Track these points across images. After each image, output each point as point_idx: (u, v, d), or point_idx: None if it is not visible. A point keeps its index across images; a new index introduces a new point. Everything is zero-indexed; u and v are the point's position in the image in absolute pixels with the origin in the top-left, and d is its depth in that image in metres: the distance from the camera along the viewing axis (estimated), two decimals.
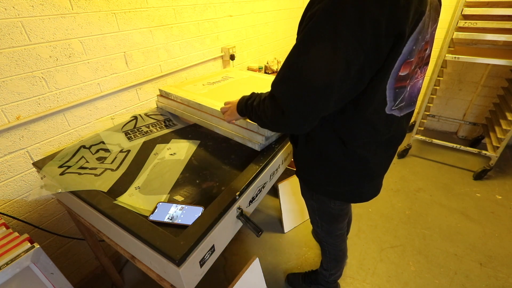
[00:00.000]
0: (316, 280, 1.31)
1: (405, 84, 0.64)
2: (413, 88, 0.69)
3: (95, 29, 1.16)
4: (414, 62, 0.62)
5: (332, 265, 1.22)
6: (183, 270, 0.63)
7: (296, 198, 1.69)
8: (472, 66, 2.37)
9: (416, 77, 0.68)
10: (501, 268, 1.44)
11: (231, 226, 0.81)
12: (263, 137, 0.99)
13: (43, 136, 1.11)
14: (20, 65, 0.98)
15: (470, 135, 2.64)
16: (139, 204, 0.81)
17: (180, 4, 1.53)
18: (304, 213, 1.76)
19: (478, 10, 1.73)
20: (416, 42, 0.57)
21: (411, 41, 0.56)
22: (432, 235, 1.64)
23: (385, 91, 0.62)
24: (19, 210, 1.10)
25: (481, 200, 1.90)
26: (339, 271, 1.25)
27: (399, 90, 0.64)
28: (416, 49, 0.59)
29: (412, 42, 0.56)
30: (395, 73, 0.59)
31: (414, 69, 0.64)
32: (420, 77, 0.70)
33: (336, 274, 1.25)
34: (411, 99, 0.71)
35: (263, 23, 2.38)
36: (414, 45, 0.57)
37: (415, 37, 0.56)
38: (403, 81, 0.62)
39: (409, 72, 0.62)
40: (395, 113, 0.69)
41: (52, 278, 0.80)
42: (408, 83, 0.65)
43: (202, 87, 1.33)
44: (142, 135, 1.19)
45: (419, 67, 0.67)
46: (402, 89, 0.65)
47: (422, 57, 0.65)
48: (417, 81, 0.70)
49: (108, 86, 1.28)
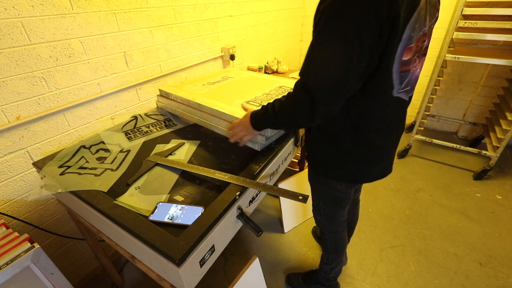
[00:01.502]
0: (316, 280, 1.31)
1: (408, 68, 0.70)
2: (412, 75, 0.74)
3: (95, 29, 1.16)
4: (414, 49, 0.67)
5: (333, 256, 1.21)
6: (183, 270, 0.63)
7: None
8: (472, 66, 2.37)
9: (414, 65, 0.73)
10: (501, 268, 1.44)
11: (231, 226, 0.81)
12: (263, 137, 0.99)
13: (43, 136, 1.11)
14: (20, 65, 0.98)
15: (470, 135, 2.64)
16: (139, 204, 0.81)
17: (180, 4, 1.53)
18: (304, 213, 1.76)
19: (478, 10, 1.73)
20: (413, 30, 0.63)
21: (409, 29, 0.62)
22: (432, 235, 1.64)
23: (391, 75, 0.67)
24: (19, 210, 1.10)
25: (481, 200, 1.90)
26: (339, 264, 1.25)
27: (404, 74, 0.70)
28: (415, 37, 0.65)
29: (409, 29, 0.62)
30: (399, 58, 0.65)
31: (413, 56, 0.69)
32: (418, 66, 0.75)
33: (337, 268, 1.25)
34: (412, 84, 0.77)
35: (263, 23, 2.38)
36: (412, 32, 0.63)
37: (411, 25, 0.62)
38: (407, 66, 0.69)
39: (411, 58, 0.68)
40: (402, 96, 0.75)
41: (52, 278, 0.80)
42: (411, 68, 0.71)
43: (202, 87, 1.33)
44: (142, 135, 1.19)
45: (417, 56, 0.72)
46: (407, 73, 0.70)
47: (420, 47, 0.71)
48: (416, 69, 0.75)
49: (108, 86, 1.28)
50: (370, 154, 0.84)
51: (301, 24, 3.10)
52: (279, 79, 1.47)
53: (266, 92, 1.24)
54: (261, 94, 1.21)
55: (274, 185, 0.89)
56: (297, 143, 1.20)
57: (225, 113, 1.04)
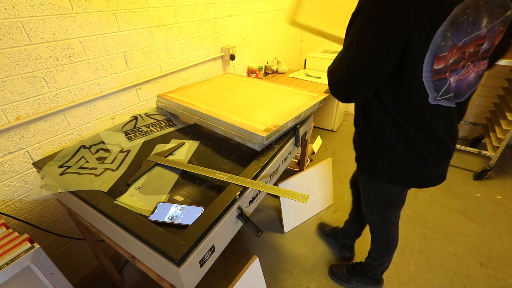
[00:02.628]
0: (362, 272, 1.31)
1: (445, 76, 0.69)
2: (461, 82, 0.73)
3: (95, 29, 1.17)
4: (453, 57, 0.67)
5: (382, 254, 1.20)
6: (183, 270, 0.63)
7: None
8: None
9: (463, 72, 0.71)
10: (501, 268, 1.44)
11: (231, 226, 0.81)
12: (263, 137, 0.99)
13: (43, 136, 1.11)
14: (20, 65, 0.98)
15: (470, 135, 2.64)
16: (139, 204, 0.81)
17: (180, 4, 1.53)
18: (304, 213, 1.76)
19: None
20: (444, 39, 0.62)
21: (438, 38, 0.62)
22: (432, 235, 1.64)
23: (423, 84, 0.69)
24: (19, 210, 1.10)
25: (481, 200, 1.90)
26: (388, 261, 1.23)
27: (438, 82, 0.70)
28: (447, 45, 0.64)
29: (439, 38, 0.62)
30: (429, 67, 0.66)
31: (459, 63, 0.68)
32: (472, 71, 0.73)
33: (385, 265, 1.24)
34: (459, 91, 0.74)
35: (263, 23, 2.38)
36: (443, 41, 0.63)
37: (441, 34, 0.62)
38: (441, 74, 0.68)
39: (445, 66, 0.67)
40: (443, 103, 0.73)
41: (52, 278, 0.80)
42: (449, 76, 0.69)
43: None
44: (142, 135, 1.19)
45: (471, 62, 0.70)
46: (443, 81, 0.70)
47: (475, 51, 0.69)
48: (468, 75, 0.73)
49: (108, 86, 1.28)
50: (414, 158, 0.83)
51: None
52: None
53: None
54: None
55: (274, 185, 0.89)
56: (297, 143, 1.20)
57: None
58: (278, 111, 1.14)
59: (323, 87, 2.27)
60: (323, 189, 1.82)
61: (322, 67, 2.66)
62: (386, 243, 1.16)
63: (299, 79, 2.41)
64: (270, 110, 1.15)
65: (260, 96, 1.29)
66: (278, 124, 1.02)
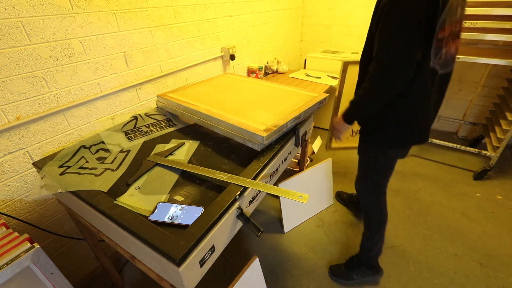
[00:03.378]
0: (359, 262, 1.36)
1: (441, 45, 0.88)
2: (447, 53, 0.92)
3: (95, 29, 1.17)
4: (447, 31, 0.87)
5: (375, 229, 1.27)
6: (183, 270, 0.63)
7: None
8: (472, 66, 2.37)
9: (449, 46, 0.91)
10: (501, 268, 1.44)
11: (231, 226, 0.81)
12: (263, 137, 0.99)
13: (43, 136, 1.11)
14: (20, 65, 0.98)
15: (470, 135, 2.64)
16: (139, 204, 0.81)
17: (180, 4, 1.53)
18: (304, 213, 1.76)
19: (478, 10, 1.73)
20: (446, 15, 0.83)
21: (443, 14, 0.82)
22: (432, 235, 1.64)
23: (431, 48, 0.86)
24: (19, 210, 1.10)
25: (481, 200, 1.90)
26: (380, 240, 1.29)
27: (437, 48, 0.88)
28: (447, 21, 0.84)
29: (444, 15, 0.82)
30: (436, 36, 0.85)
31: (448, 37, 0.88)
32: (452, 47, 0.93)
33: (378, 245, 1.30)
34: (446, 61, 0.94)
35: (263, 23, 2.38)
36: (446, 16, 0.83)
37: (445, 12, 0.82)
38: (440, 42, 0.87)
39: (444, 37, 0.87)
40: (436, 67, 0.92)
41: (52, 278, 0.80)
42: (443, 45, 0.89)
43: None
44: (142, 135, 1.19)
45: (451, 38, 0.91)
46: (439, 48, 0.89)
47: (454, 31, 0.90)
48: (449, 49, 0.92)
49: (108, 86, 1.29)
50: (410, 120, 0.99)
51: (301, 24, 3.10)
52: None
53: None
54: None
55: (274, 185, 0.89)
56: (297, 143, 1.20)
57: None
58: (278, 111, 1.14)
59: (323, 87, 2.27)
60: (323, 189, 1.82)
61: (322, 67, 2.66)
62: (378, 215, 1.26)
63: (299, 79, 2.41)
64: (270, 110, 1.15)
65: (260, 96, 1.30)
66: (278, 124, 1.02)
